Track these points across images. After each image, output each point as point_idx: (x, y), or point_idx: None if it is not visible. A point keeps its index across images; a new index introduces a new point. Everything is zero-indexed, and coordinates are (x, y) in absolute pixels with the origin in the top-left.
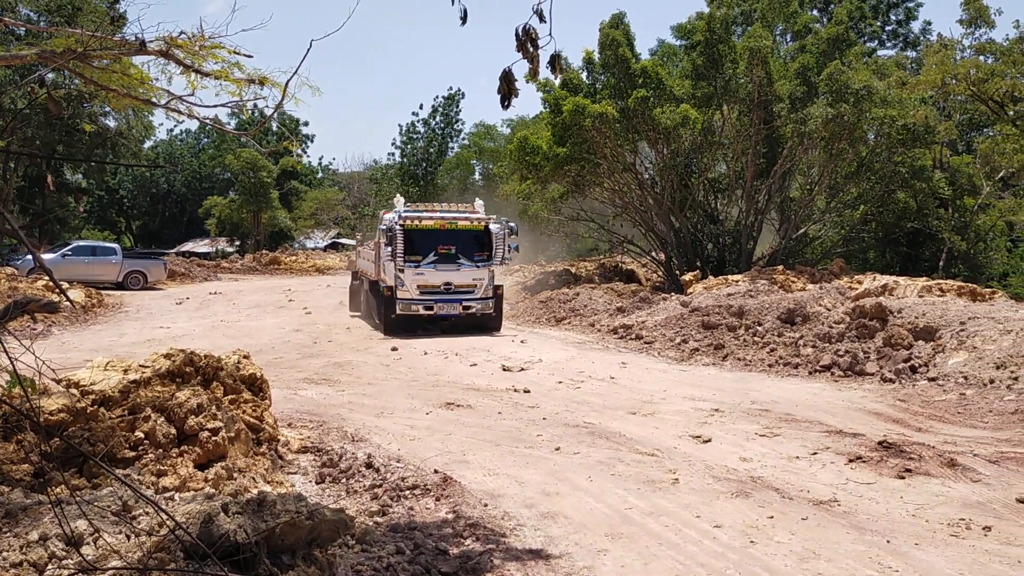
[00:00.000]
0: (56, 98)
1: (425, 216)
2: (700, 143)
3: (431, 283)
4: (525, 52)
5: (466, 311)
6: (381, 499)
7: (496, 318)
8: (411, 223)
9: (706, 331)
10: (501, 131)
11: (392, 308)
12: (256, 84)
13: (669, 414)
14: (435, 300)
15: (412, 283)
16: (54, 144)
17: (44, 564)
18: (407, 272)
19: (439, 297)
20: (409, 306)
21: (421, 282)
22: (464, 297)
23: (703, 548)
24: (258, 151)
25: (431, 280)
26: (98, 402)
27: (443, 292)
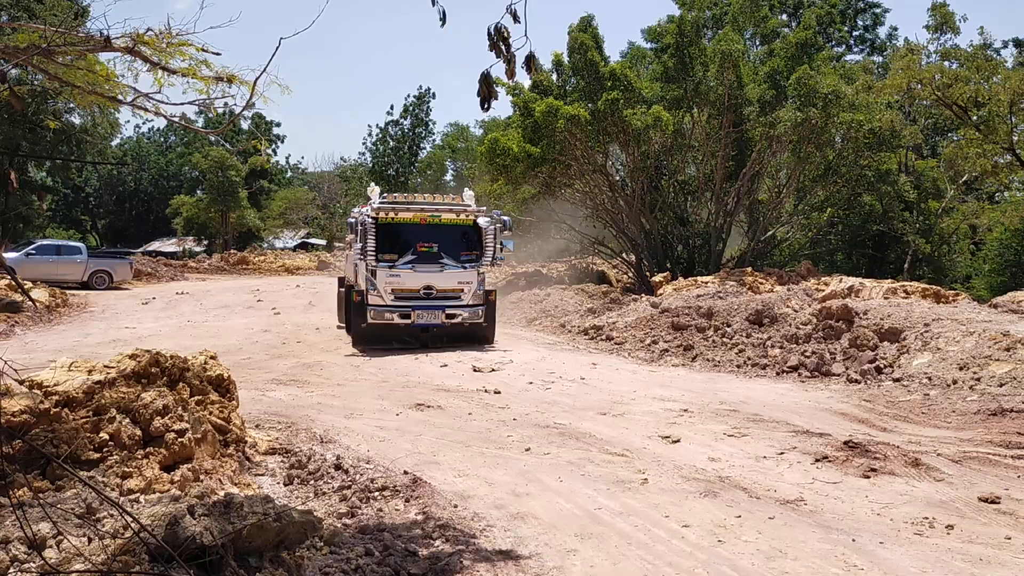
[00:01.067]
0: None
1: (403, 208)
2: (670, 145)
3: (408, 287)
4: (498, 51)
5: (450, 320)
6: (350, 500)
7: (488, 328)
8: (385, 216)
9: (676, 332)
10: (474, 132)
11: (362, 316)
12: (224, 82)
13: (639, 414)
14: (412, 307)
15: (385, 287)
16: (17, 141)
17: (6, 568)
18: (380, 274)
19: (417, 303)
20: (382, 314)
21: (396, 285)
22: (448, 304)
23: (671, 548)
24: (227, 150)
25: (408, 283)
26: (62, 403)
27: (422, 298)
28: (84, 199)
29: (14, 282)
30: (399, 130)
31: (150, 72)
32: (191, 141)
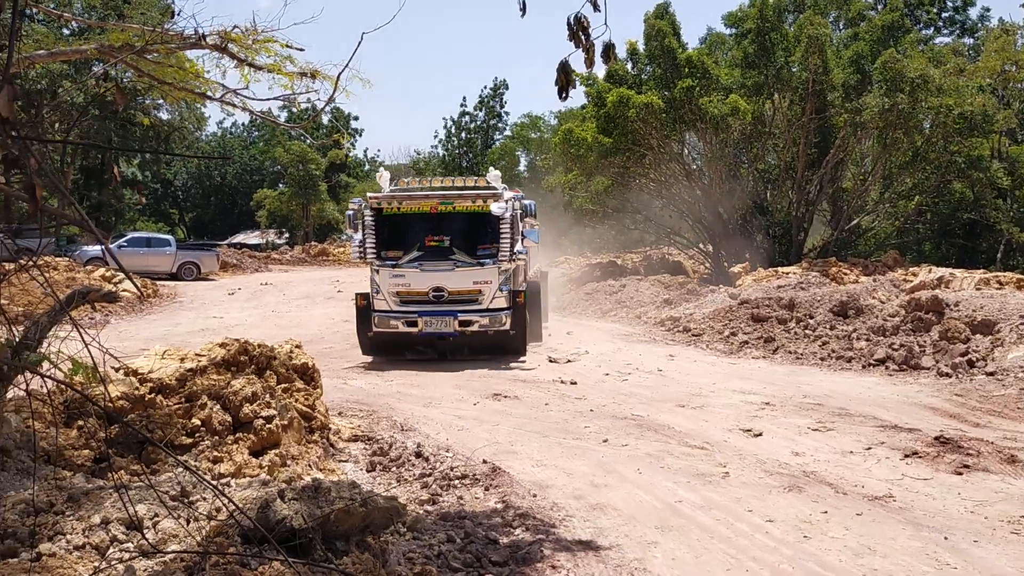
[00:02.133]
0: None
1: (408, 196)
2: (750, 133)
3: (414, 289)
4: (577, 41)
5: (463, 328)
6: (431, 488)
7: (517, 338)
8: (388, 205)
9: (756, 324)
10: (548, 121)
11: (367, 324)
12: (308, 77)
13: (719, 407)
14: (420, 313)
15: (389, 289)
16: (109, 136)
17: (106, 547)
18: (382, 274)
19: (425, 309)
20: (387, 321)
21: (401, 288)
22: (461, 309)
23: (755, 542)
24: (309, 144)
25: (415, 285)
26: (156, 390)
27: (432, 302)
28: (173, 193)
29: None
30: (472, 122)
31: (237, 69)
32: (273, 136)
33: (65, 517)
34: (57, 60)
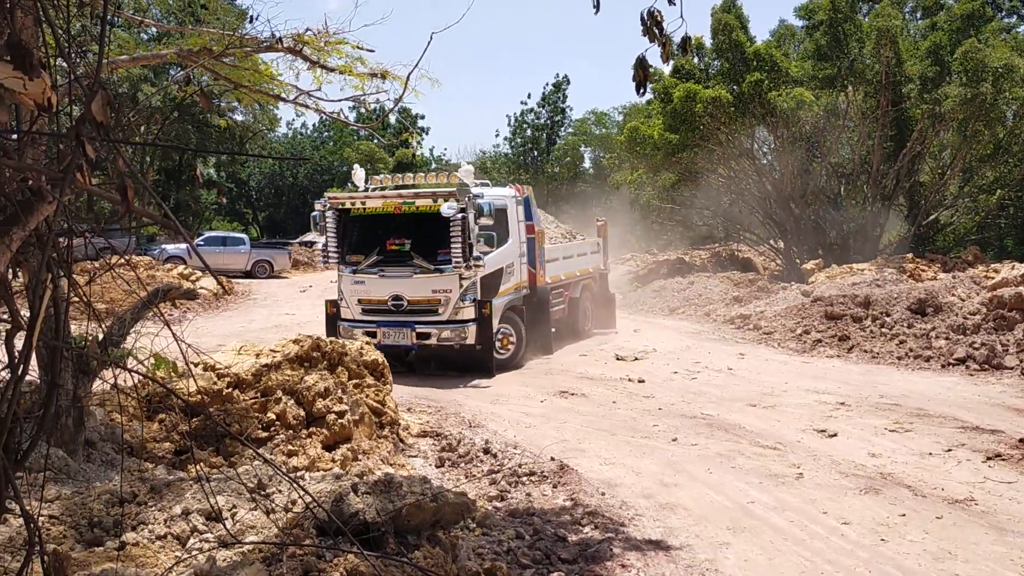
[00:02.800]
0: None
1: (372, 195)
2: (822, 126)
3: (374, 297)
4: (651, 36)
5: (422, 342)
6: (499, 484)
7: (484, 354)
8: (352, 206)
9: (829, 322)
10: (612, 118)
11: (334, 333)
12: (378, 78)
13: (791, 407)
14: (378, 323)
15: (351, 296)
16: (187, 138)
17: (187, 537)
18: (344, 280)
19: (384, 319)
20: (351, 330)
21: (362, 295)
22: (420, 320)
23: (831, 545)
24: (378, 144)
25: (374, 292)
26: (233, 384)
27: (391, 311)
28: (247, 193)
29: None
30: (536, 119)
31: (310, 71)
32: (340, 137)
33: (148, 508)
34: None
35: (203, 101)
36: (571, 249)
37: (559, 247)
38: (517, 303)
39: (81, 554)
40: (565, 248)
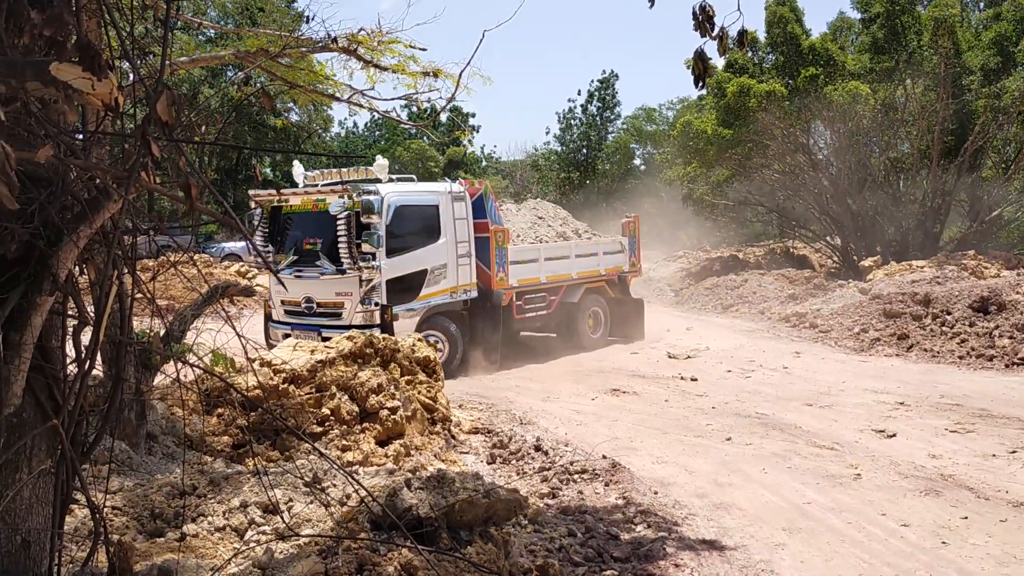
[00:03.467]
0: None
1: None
2: (880, 120)
3: (291, 298)
4: (703, 30)
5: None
6: (551, 481)
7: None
8: (276, 203)
9: (888, 320)
10: (663, 114)
11: (267, 335)
12: (430, 76)
13: (849, 406)
14: (292, 326)
15: (275, 297)
16: (244, 138)
17: (245, 529)
18: (271, 280)
19: (299, 321)
20: (277, 332)
21: (284, 295)
22: (326, 324)
23: (889, 547)
24: (429, 143)
25: (291, 294)
26: (289, 380)
27: (305, 314)
28: None
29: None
30: (586, 114)
31: (363, 70)
32: (392, 136)
33: (207, 500)
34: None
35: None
36: (563, 250)
37: (541, 247)
38: (454, 308)
39: (143, 544)
40: (552, 248)
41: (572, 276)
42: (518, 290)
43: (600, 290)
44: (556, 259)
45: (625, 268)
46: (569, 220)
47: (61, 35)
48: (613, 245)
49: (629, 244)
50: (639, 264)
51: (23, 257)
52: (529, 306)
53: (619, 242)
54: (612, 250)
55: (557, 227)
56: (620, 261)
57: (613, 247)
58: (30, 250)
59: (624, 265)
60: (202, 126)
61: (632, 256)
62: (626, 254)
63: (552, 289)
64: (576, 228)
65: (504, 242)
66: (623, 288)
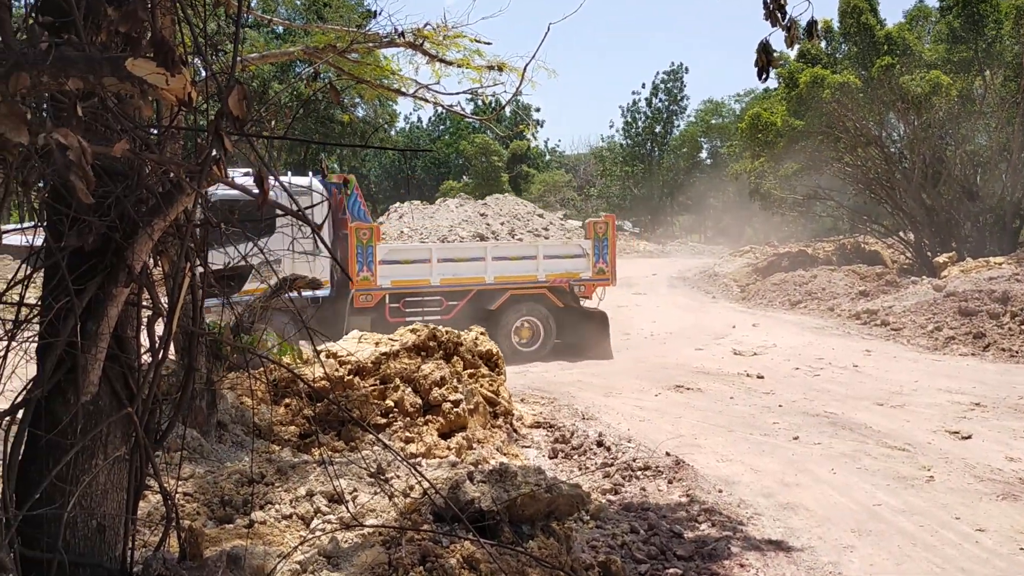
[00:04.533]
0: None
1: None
2: (957, 112)
3: None
4: (774, 20)
5: None
6: (613, 478)
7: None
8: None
9: (964, 318)
10: (730, 107)
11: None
12: (495, 70)
13: (921, 407)
14: None
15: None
16: (311, 134)
17: (310, 518)
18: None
19: None
20: None
21: None
22: None
23: (964, 552)
24: (493, 137)
25: None
26: (354, 372)
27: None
28: (367, 186)
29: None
30: (652, 107)
31: (429, 65)
32: (456, 130)
33: (274, 488)
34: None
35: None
36: (470, 251)
37: (432, 247)
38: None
39: (213, 530)
40: (451, 249)
41: (487, 280)
42: (394, 292)
43: (539, 298)
44: (460, 260)
45: (585, 275)
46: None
47: (136, 32)
48: (567, 248)
49: (596, 248)
50: (610, 271)
51: (100, 249)
52: (411, 309)
53: (578, 245)
54: (563, 254)
55: (497, 225)
56: (578, 267)
57: (566, 251)
58: (107, 242)
59: (585, 271)
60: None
61: (600, 262)
62: (589, 259)
63: (452, 293)
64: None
65: (370, 240)
66: (576, 298)
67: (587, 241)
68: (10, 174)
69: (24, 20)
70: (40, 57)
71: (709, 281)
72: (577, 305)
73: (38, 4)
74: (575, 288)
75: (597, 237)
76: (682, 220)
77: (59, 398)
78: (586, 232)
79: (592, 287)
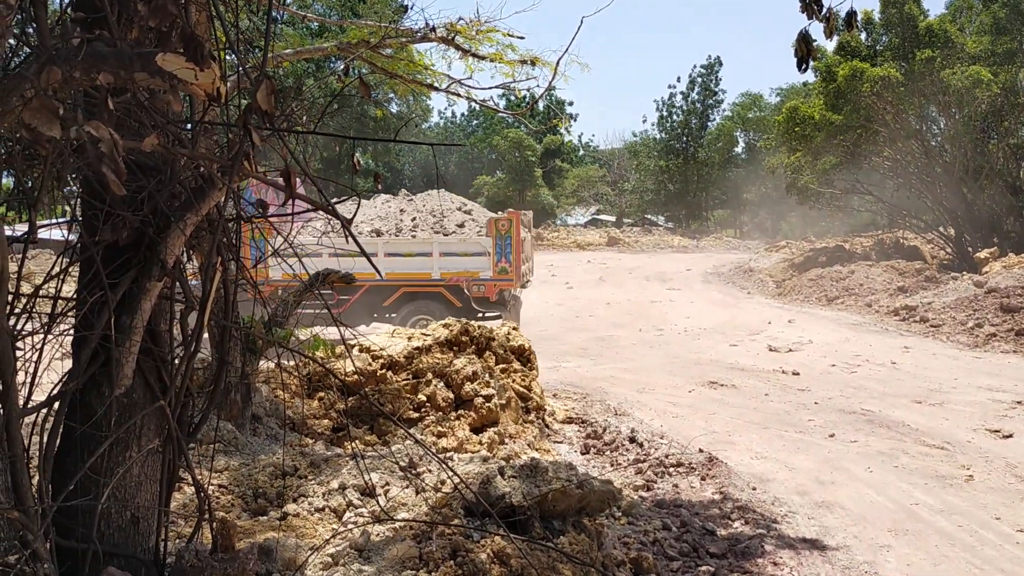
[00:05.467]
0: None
1: None
2: (1000, 105)
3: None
4: (810, 12)
5: None
6: (646, 474)
7: None
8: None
9: (1006, 314)
10: (768, 100)
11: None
12: (528, 64)
13: (961, 405)
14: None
15: None
16: (346, 129)
17: (343, 511)
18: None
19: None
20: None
21: None
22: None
23: (1004, 553)
24: (527, 131)
25: None
26: (386, 366)
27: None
28: (401, 181)
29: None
30: (687, 101)
31: (462, 59)
32: (489, 125)
33: (307, 481)
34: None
35: (363, 90)
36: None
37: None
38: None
39: (246, 523)
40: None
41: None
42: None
43: (436, 296)
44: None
45: (485, 274)
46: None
47: (166, 26)
48: (465, 246)
49: (498, 247)
50: (514, 271)
51: (134, 244)
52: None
53: (478, 243)
54: (462, 252)
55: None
56: (477, 265)
57: (464, 248)
58: (140, 237)
59: (485, 271)
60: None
61: (503, 261)
62: (490, 258)
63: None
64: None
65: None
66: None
67: (488, 239)
68: (45, 168)
69: (58, 16)
70: (72, 52)
71: (744, 277)
72: (479, 306)
73: (72, 1)
74: (476, 288)
75: (499, 235)
76: (717, 215)
77: (94, 391)
78: (487, 230)
79: (493, 287)
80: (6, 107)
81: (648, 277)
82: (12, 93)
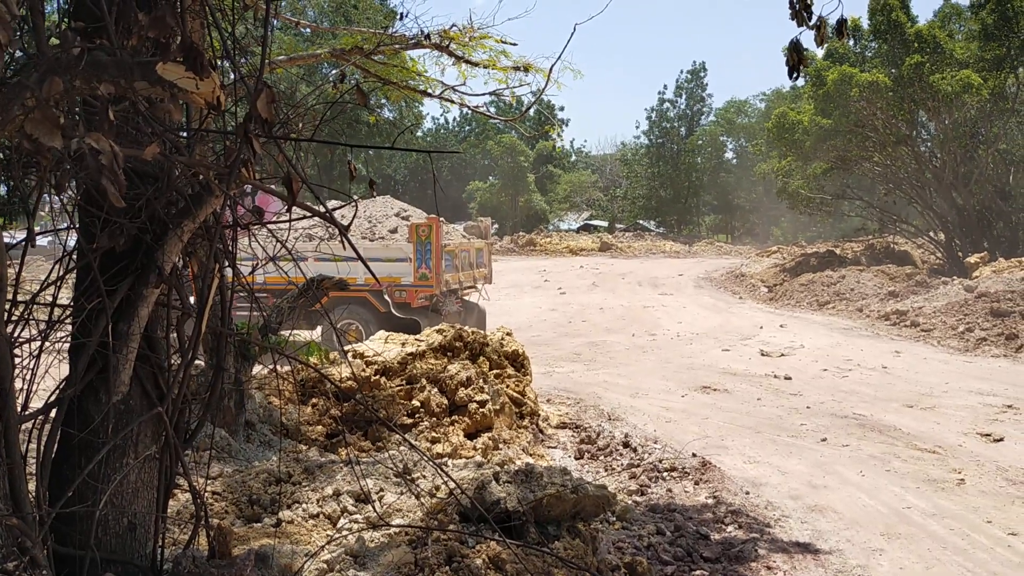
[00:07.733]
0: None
1: None
2: (989, 110)
3: None
4: (800, 19)
5: None
6: (639, 479)
7: None
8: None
9: (996, 319)
10: (755, 106)
11: None
12: (521, 71)
13: (952, 408)
14: None
15: None
16: (338, 135)
17: (337, 517)
18: None
19: None
20: None
21: None
22: None
23: (995, 556)
24: (519, 137)
25: None
26: (380, 372)
27: None
28: (393, 187)
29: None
30: (674, 108)
31: (455, 66)
32: (482, 130)
33: (302, 487)
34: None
35: (360, 97)
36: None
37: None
38: None
39: (241, 529)
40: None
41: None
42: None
43: (361, 301)
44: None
45: (407, 280)
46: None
47: (165, 36)
48: (387, 252)
49: (418, 253)
50: (434, 277)
51: (131, 251)
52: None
53: (400, 249)
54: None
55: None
56: (400, 271)
57: (387, 255)
58: (137, 244)
59: (407, 276)
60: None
61: (423, 267)
62: (411, 264)
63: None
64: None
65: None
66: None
67: (409, 245)
68: (44, 177)
69: (57, 25)
70: (72, 62)
71: (736, 281)
72: (399, 312)
73: (71, 9)
74: (397, 293)
75: (420, 241)
76: (708, 220)
77: (91, 397)
78: (408, 236)
79: (414, 293)
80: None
81: (641, 282)
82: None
